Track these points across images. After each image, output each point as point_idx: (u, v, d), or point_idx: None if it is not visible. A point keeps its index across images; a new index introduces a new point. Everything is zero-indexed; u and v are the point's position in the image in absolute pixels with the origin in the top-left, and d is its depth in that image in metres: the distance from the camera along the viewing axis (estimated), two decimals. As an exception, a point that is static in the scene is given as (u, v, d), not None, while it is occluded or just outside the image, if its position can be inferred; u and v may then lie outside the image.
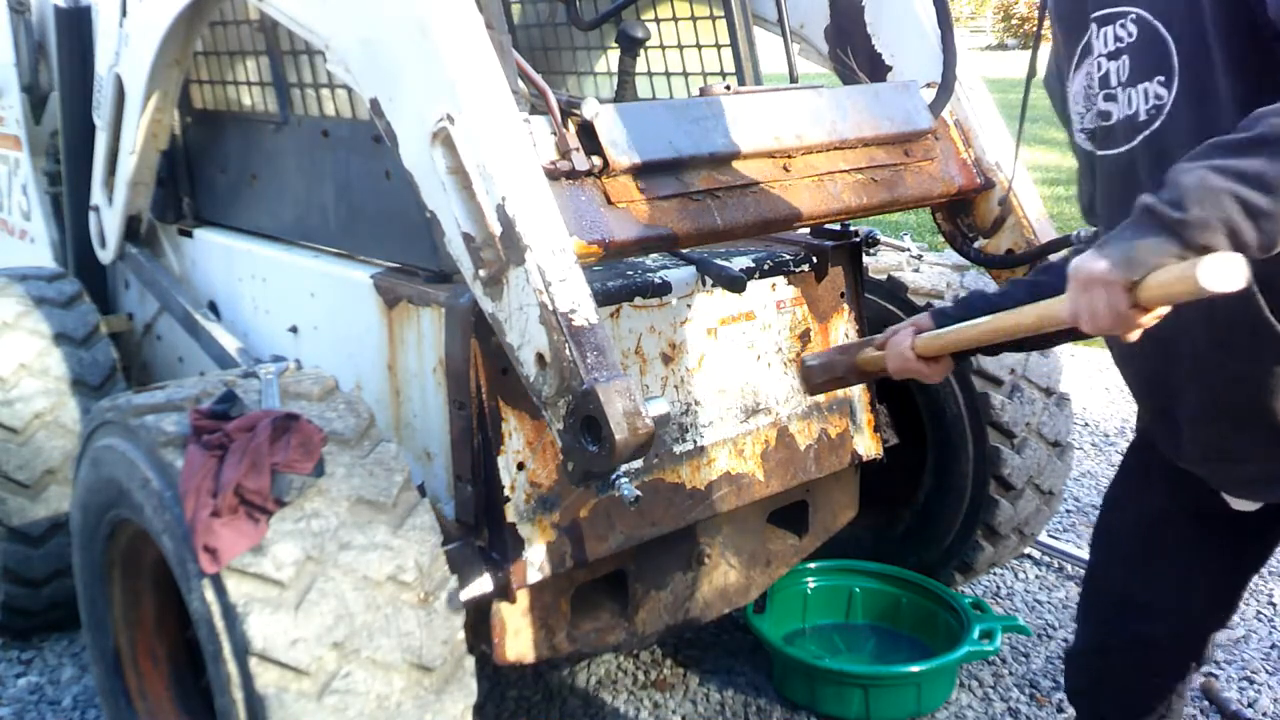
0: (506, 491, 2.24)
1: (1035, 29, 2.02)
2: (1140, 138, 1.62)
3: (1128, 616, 1.91)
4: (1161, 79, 1.57)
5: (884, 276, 3.22)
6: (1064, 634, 3.34)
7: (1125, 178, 1.66)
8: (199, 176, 3.14)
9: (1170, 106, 1.57)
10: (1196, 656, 1.99)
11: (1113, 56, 1.66)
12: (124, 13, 2.76)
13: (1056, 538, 3.91)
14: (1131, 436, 2.04)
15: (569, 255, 1.84)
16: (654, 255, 2.59)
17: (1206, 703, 2.99)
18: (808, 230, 2.80)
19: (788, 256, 2.70)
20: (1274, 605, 3.52)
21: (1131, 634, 1.88)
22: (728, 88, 2.52)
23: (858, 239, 2.86)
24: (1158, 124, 1.59)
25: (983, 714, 2.98)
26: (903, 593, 3.25)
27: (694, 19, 3.33)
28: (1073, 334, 1.63)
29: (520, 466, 2.26)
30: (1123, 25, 1.64)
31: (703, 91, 2.48)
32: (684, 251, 2.59)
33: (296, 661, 1.85)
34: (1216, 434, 1.67)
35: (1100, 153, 1.71)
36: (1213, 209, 1.26)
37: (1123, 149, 1.66)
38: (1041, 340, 1.77)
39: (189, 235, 3.15)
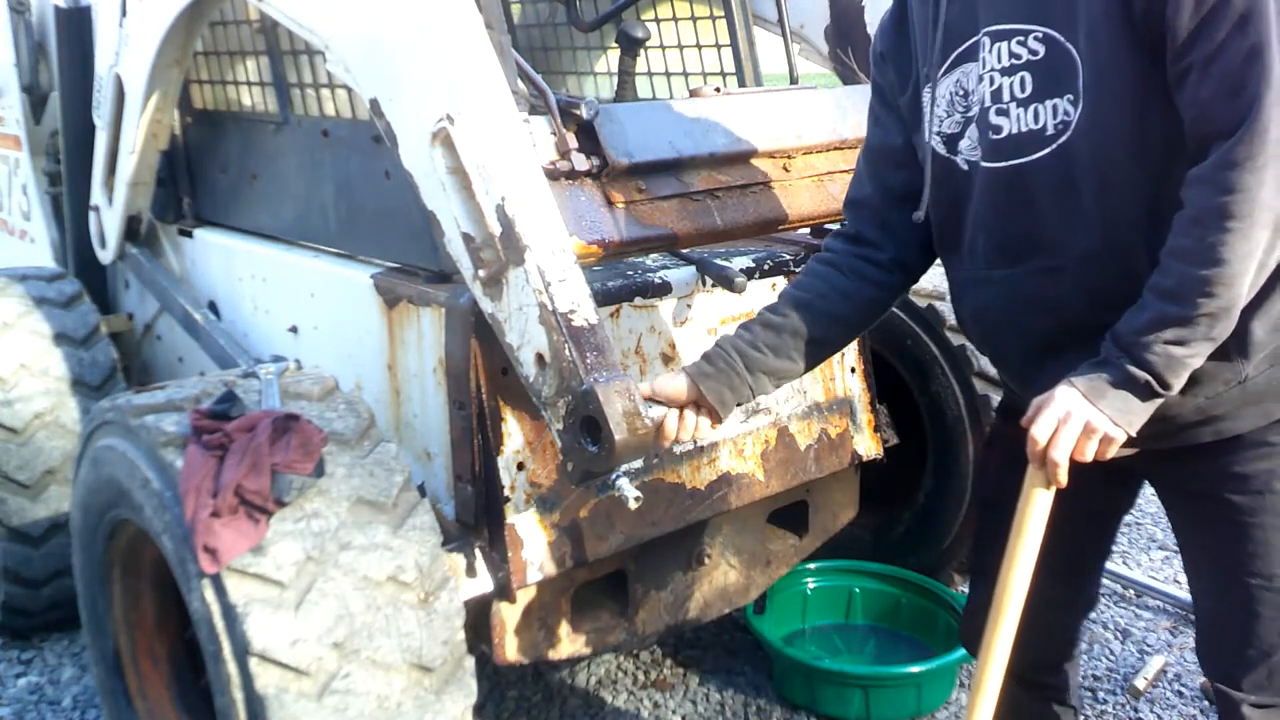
0: (506, 491, 2.24)
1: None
2: (1047, 150, 1.68)
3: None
4: (1070, 96, 1.64)
5: (884, 277, 3.21)
6: (1064, 634, 3.34)
7: (1013, 188, 1.73)
8: (199, 176, 3.14)
9: (1076, 123, 1.64)
10: (1087, 601, 2.14)
11: (1008, 72, 1.70)
12: (124, 13, 2.76)
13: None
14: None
15: (569, 255, 1.84)
16: (654, 255, 2.59)
17: (1206, 703, 2.99)
18: (808, 230, 2.80)
19: (788, 256, 2.70)
20: (1274, 605, 3.52)
21: (1031, 588, 1.87)
22: (717, 90, 2.52)
23: (858, 239, 2.86)
24: (1065, 138, 1.66)
25: (983, 714, 2.98)
26: (903, 593, 3.25)
27: (694, 19, 3.33)
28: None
29: (520, 466, 2.26)
30: (1021, 43, 1.68)
31: (692, 94, 2.48)
32: (684, 251, 2.59)
33: (296, 661, 1.85)
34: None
35: (985, 164, 1.76)
36: (1184, 370, 1.60)
37: (1015, 161, 1.71)
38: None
39: (189, 235, 3.15)
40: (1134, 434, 1.62)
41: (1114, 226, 1.66)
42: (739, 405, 1.95)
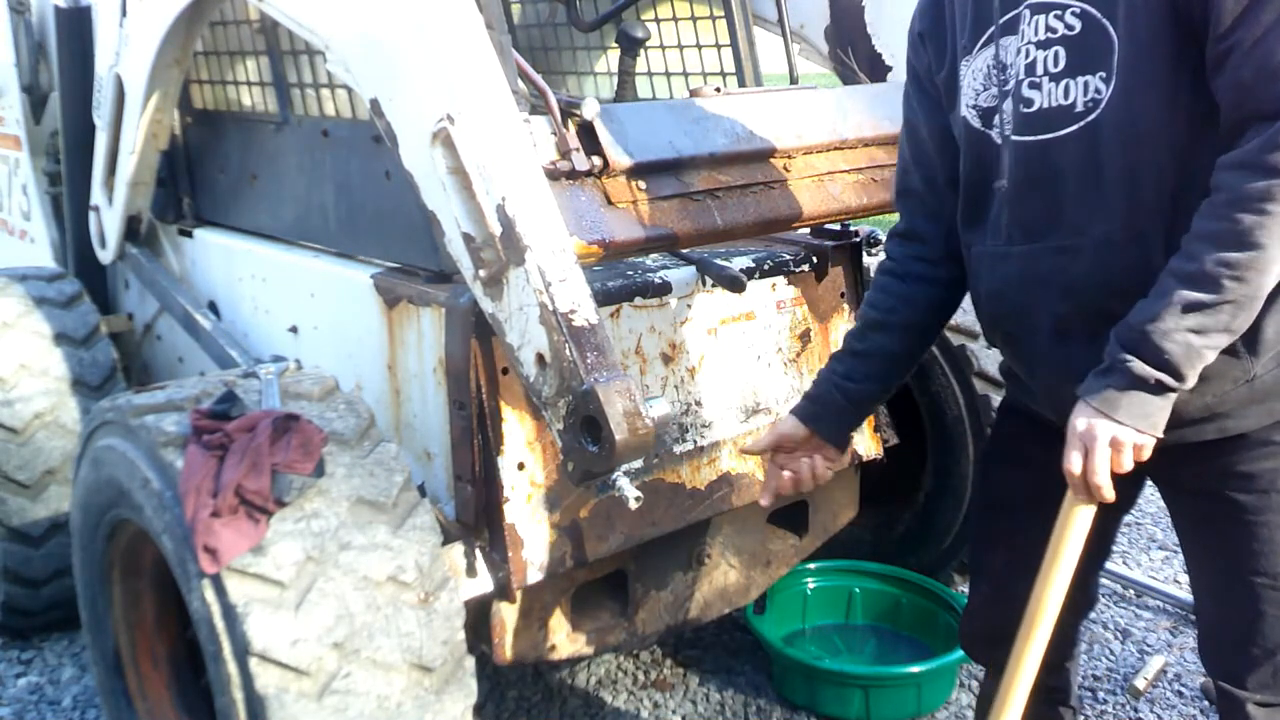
0: (506, 491, 2.24)
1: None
2: (1075, 127, 1.68)
3: (1021, 575, 1.96)
4: (1103, 74, 1.64)
5: (884, 277, 3.22)
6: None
7: (1039, 164, 1.73)
8: (199, 176, 3.14)
9: (1107, 102, 1.64)
10: (1087, 601, 2.14)
11: (1043, 45, 1.70)
12: (124, 13, 2.75)
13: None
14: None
15: (569, 255, 1.84)
16: (654, 255, 2.59)
17: (1206, 703, 2.99)
18: (808, 230, 2.80)
19: (788, 256, 2.70)
20: (1274, 605, 3.52)
21: (1026, 589, 1.91)
22: (717, 90, 2.52)
23: (858, 239, 2.86)
24: (1094, 116, 1.66)
25: (983, 714, 2.98)
26: (903, 593, 3.25)
27: (694, 19, 3.33)
28: None
29: (520, 466, 2.26)
30: (1059, 17, 1.68)
31: (693, 94, 2.48)
32: (684, 251, 2.59)
33: (296, 661, 1.85)
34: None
35: (1015, 138, 1.76)
36: (1200, 362, 1.57)
37: (1043, 136, 1.72)
38: None
39: (189, 235, 3.15)
40: (1160, 434, 1.61)
41: (1135, 211, 1.65)
42: (853, 431, 2.11)
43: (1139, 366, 1.58)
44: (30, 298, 3.18)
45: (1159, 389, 1.58)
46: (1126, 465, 1.63)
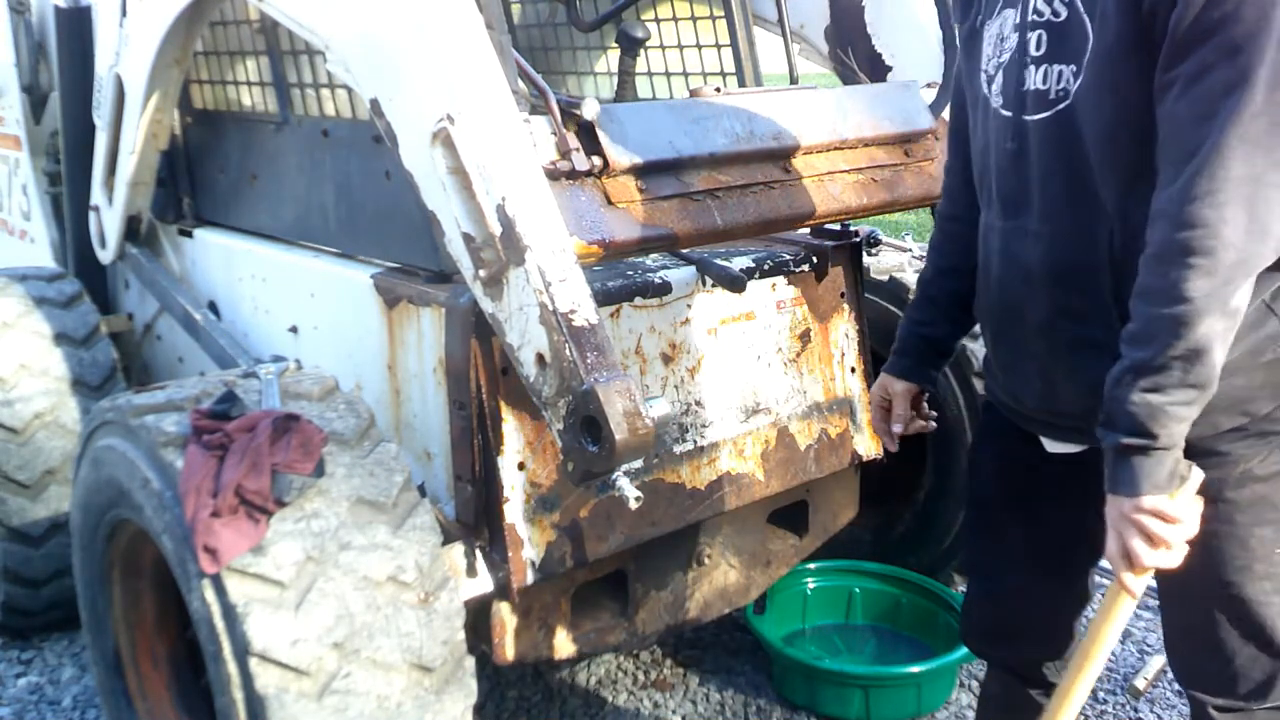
0: (506, 491, 2.24)
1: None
2: (1046, 114, 1.69)
3: (1011, 569, 2.02)
4: (1074, 67, 1.64)
5: (885, 277, 3.22)
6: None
7: (1017, 142, 1.74)
8: (199, 176, 3.14)
9: (1073, 95, 1.64)
10: (1078, 597, 2.12)
11: (1033, 28, 1.71)
12: (124, 13, 2.75)
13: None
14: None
15: (569, 255, 1.84)
16: (654, 255, 2.59)
17: (1206, 703, 2.99)
18: (808, 230, 2.80)
19: (788, 256, 2.70)
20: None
21: (1023, 583, 1.98)
22: (717, 90, 2.53)
23: (858, 239, 2.86)
24: (1061, 107, 1.66)
25: (983, 714, 2.98)
26: (903, 593, 3.25)
27: (694, 19, 3.33)
28: None
29: (520, 466, 2.26)
30: (1049, 1, 1.68)
31: (693, 94, 2.48)
32: (684, 251, 2.59)
33: (296, 661, 1.85)
34: (1049, 383, 1.81)
35: (1003, 112, 1.77)
36: (1168, 419, 1.53)
37: (1023, 116, 1.73)
38: None
39: (189, 235, 3.15)
40: (1164, 492, 1.57)
41: (1089, 210, 1.66)
42: (938, 373, 2.20)
43: (1114, 438, 1.57)
44: (30, 298, 3.18)
45: (1139, 451, 1.56)
46: (1173, 533, 1.58)
